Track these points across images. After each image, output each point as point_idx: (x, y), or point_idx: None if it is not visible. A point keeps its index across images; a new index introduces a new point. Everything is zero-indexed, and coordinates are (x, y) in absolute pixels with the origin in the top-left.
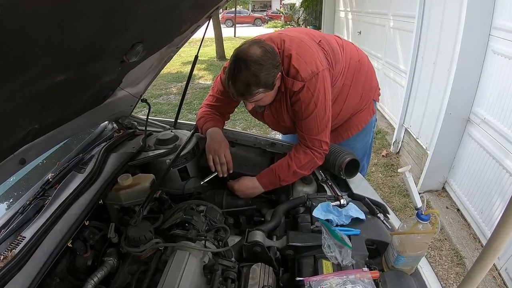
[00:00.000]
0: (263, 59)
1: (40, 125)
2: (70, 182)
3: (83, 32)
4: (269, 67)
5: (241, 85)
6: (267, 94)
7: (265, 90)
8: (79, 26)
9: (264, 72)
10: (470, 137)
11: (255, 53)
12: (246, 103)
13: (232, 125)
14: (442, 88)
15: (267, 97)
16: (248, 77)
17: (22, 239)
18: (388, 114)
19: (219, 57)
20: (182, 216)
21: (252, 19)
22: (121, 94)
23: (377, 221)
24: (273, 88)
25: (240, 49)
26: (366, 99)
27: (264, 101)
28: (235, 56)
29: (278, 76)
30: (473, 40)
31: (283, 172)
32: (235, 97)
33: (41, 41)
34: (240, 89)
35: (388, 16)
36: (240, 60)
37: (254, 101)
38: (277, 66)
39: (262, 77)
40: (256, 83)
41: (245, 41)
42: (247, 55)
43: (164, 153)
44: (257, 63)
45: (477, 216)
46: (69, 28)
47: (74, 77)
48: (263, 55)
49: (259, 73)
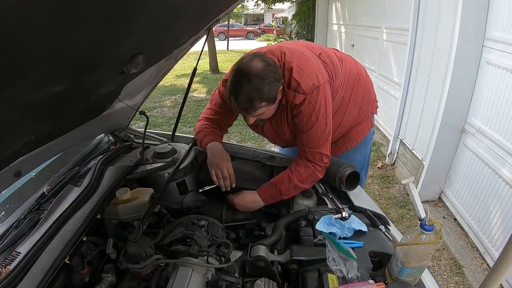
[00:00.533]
0: (266, 73)
1: (36, 136)
2: (66, 196)
3: (80, 41)
4: (271, 80)
5: (244, 99)
6: (269, 108)
7: (267, 104)
8: (76, 36)
9: (267, 86)
10: (466, 147)
11: (257, 66)
12: (247, 118)
13: (227, 139)
14: (437, 99)
15: (269, 111)
16: (251, 92)
17: (17, 254)
18: (383, 126)
19: (213, 70)
20: (184, 231)
21: (244, 32)
22: (119, 106)
23: (379, 233)
24: (275, 101)
25: (241, 62)
26: (365, 112)
27: (266, 115)
28: (237, 70)
29: (280, 89)
30: (467, 52)
31: (284, 186)
32: (238, 112)
33: (36, 49)
34: (243, 104)
35: (381, 29)
36: (242, 74)
37: (256, 115)
38: (279, 80)
39: (265, 91)
40: (259, 98)
41: (245, 54)
42: (249, 69)
43: (163, 167)
44: (260, 77)
45: (474, 225)
46: (66, 37)
47: (72, 88)
48: (265, 68)
49: (262, 87)
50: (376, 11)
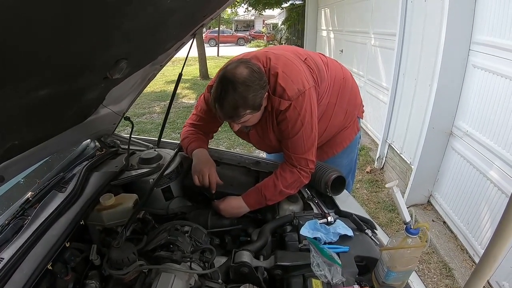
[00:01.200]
0: (251, 80)
1: (20, 141)
2: (51, 202)
3: (63, 48)
4: (256, 88)
5: (229, 107)
6: (254, 115)
7: (252, 112)
8: (60, 42)
9: (252, 93)
10: (454, 150)
11: (242, 74)
12: (232, 124)
13: (215, 144)
14: (424, 103)
15: (254, 118)
16: (236, 100)
17: (0, 260)
18: (371, 131)
19: (203, 76)
20: (167, 237)
21: (235, 38)
22: (104, 112)
23: (365, 237)
24: (260, 108)
25: (226, 70)
26: (351, 117)
27: (251, 122)
28: (222, 77)
29: (265, 96)
30: (454, 55)
31: (269, 192)
32: (223, 119)
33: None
34: (228, 112)
35: (369, 34)
36: (227, 82)
37: (241, 122)
38: (264, 86)
39: (250, 98)
40: (244, 105)
41: (230, 60)
42: (234, 76)
43: (148, 173)
44: (245, 84)
45: (463, 227)
46: (48, 44)
47: (55, 94)
48: (250, 75)
49: (247, 94)
50: (364, 17)
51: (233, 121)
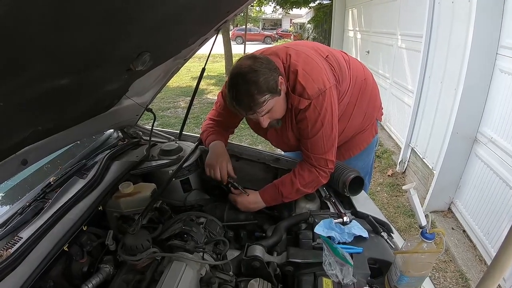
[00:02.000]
0: (255, 65)
1: (42, 127)
2: (71, 187)
3: (84, 37)
4: (265, 71)
5: (245, 98)
6: (276, 102)
7: (272, 96)
8: (78, 32)
9: (261, 76)
10: (477, 157)
11: (246, 64)
12: (261, 120)
13: (237, 141)
14: (449, 108)
15: (278, 106)
16: (249, 88)
17: (19, 239)
18: (395, 134)
19: (228, 73)
20: (181, 227)
21: (262, 37)
22: (127, 103)
23: (380, 240)
24: (280, 93)
25: (232, 68)
26: (370, 119)
27: (277, 111)
28: (230, 76)
29: (280, 80)
30: (480, 59)
31: (286, 189)
32: (245, 114)
33: (38, 43)
34: (246, 103)
35: (396, 36)
36: (235, 76)
37: (265, 112)
38: (274, 69)
39: (261, 82)
40: (259, 90)
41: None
42: (240, 68)
43: (167, 164)
44: (252, 70)
45: (483, 237)
46: (67, 33)
47: (77, 82)
48: (254, 62)
49: (257, 79)
50: (391, 18)
51: (255, 112)
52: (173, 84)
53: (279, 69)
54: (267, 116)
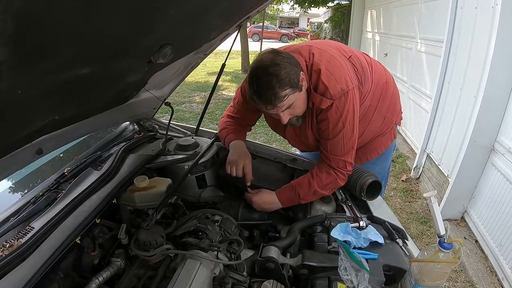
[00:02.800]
0: (277, 59)
1: (59, 117)
2: (85, 178)
3: (109, 26)
4: (286, 65)
5: (265, 91)
6: (298, 97)
7: (293, 90)
8: (106, 20)
9: (283, 70)
10: (494, 167)
11: (268, 57)
12: (281, 116)
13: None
14: (468, 115)
15: (299, 102)
16: (270, 80)
17: (31, 229)
18: (410, 139)
19: (244, 70)
20: (196, 224)
21: (278, 35)
22: (145, 96)
23: (395, 247)
24: (301, 89)
25: (253, 62)
26: (389, 123)
27: (298, 108)
28: (251, 69)
29: (302, 76)
30: (502, 68)
31: (303, 191)
32: (266, 108)
33: (65, 30)
34: (267, 96)
35: (415, 39)
36: (256, 69)
37: (286, 107)
38: (296, 64)
39: (283, 75)
40: (280, 84)
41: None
42: (261, 62)
43: (183, 159)
44: (273, 64)
45: (495, 249)
46: (95, 20)
47: (98, 73)
48: (276, 56)
49: (279, 72)
50: (411, 21)
51: (275, 107)
52: (189, 79)
53: (300, 65)
54: (288, 112)
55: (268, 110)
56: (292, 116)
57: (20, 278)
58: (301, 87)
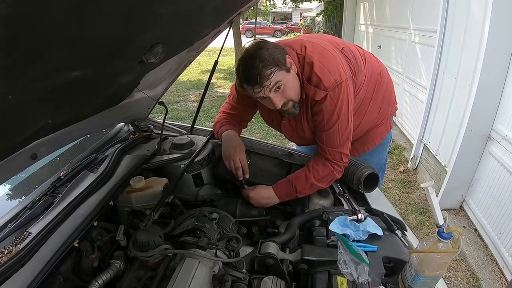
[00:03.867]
0: (260, 44)
1: (53, 121)
2: (82, 181)
3: (102, 28)
4: (269, 48)
5: (250, 72)
6: (285, 77)
7: (278, 68)
8: (98, 22)
9: (266, 51)
10: (491, 155)
11: (251, 45)
12: (272, 99)
13: (248, 134)
14: (463, 104)
15: (289, 82)
16: (253, 62)
17: (28, 234)
18: (407, 130)
19: None
20: (194, 223)
21: (272, 30)
22: (139, 96)
23: (394, 238)
24: (289, 70)
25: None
26: (384, 114)
27: (289, 89)
28: (239, 59)
29: (288, 59)
30: (496, 56)
31: (300, 184)
32: (253, 92)
33: (57, 34)
34: (252, 77)
35: (409, 30)
36: (241, 58)
37: (273, 85)
38: (280, 48)
39: (266, 55)
40: (264, 64)
41: None
42: (247, 50)
43: (179, 158)
44: (256, 48)
45: (495, 237)
46: (88, 23)
47: (91, 75)
48: (259, 43)
49: (261, 54)
50: (404, 12)
51: (262, 87)
52: (183, 78)
53: (285, 51)
54: (279, 94)
55: (257, 93)
56: (285, 100)
57: (20, 284)
58: (288, 68)
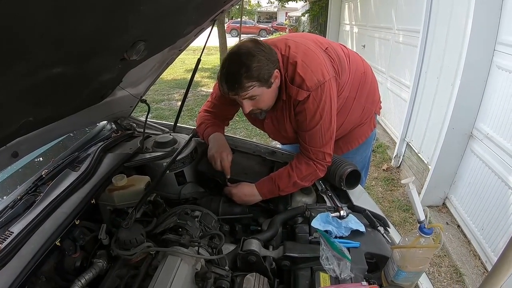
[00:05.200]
0: (255, 50)
1: (34, 118)
2: (63, 180)
3: (82, 25)
4: (261, 59)
5: (231, 77)
6: (264, 92)
7: (259, 85)
8: (78, 19)
9: (256, 63)
10: (473, 153)
11: (247, 45)
12: (243, 105)
13: (232, 133)
14: (445, 103)
15: (264, 97)
16: (239, 68)
17: (10, 234)
18: (390, 128)
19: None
20: (176, 221)
21: (257, 29)
22: (121, 94)
23: (377, 234)
24: (270, 86)
25: (233, 46)
26: (368, 113)
27: (262, 102)
28: (228, 53)
29: (275, 74)
30: (478, 55)
31: (283, 182)
32: (227, 93)
33: (37, 31)
34: (231, 82)
35: (393, 30)
36: (231, 54)
37: (247, 96)
38: (273, 61)
39: (253, 68)
40: (247, 75)
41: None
42: (239, 49)
43: (161, 156)
44: (249, 53)
45: (477, 233)
46: (68, 20)
47: (72, 72)
48: (255, 47)
49: (250, 63)
50: (388, 12)
51: (237, 95)
52: (168, 77)
53: (278, 63)
54: (250, 103)
55: (230, 96)
56: (255, 108)
57: (2, 284)
58: (270, 84)
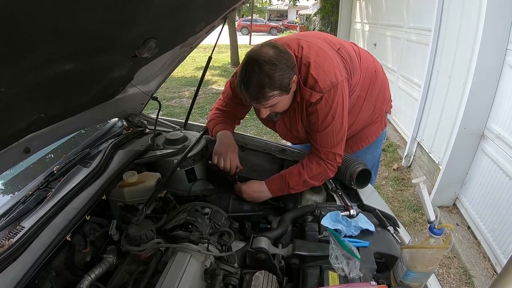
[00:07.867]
0: (277, 59)
1: (45, 114)
2: (75, 176)
3: (91, 21)
4: (283, 67)
5: (254, 88)
6: (282, 99)
7: (280, 93)
8: (87, 14)
9: (278, 72)
10: (484, 153)
11: (268, 53)
12: (260, 111)
13: (243, 131)
14: (457, 102)
15: (283, 102)
16: (262, 79)
17: (21, 229)
18: (401, 127)
19: (233, 64)
20: (186, 217)
21: (267, 28)
22: (132, 91)
23: (386, 234)
24: (289, 92)
25: (252, 51)
26: (379, 112)
27: (280, 107)
28: (247, 58)
29: (294, 79)
30: (490, 54)
31: (293, 180)
32: (249, 102)
33: (46, 26)
34: (254, 93)
35: (404, 29)
36: (252, 62)
37: (269, 106)
38: (292, 68)
39: (276, 78)
40: (271, 85)
41: (257, 44)
42: (260, 56)
43: (172, 153)
44: (271, 63)
45: (488, 234)
46: (77, 15)
47: (82, 68)
48: (276, 55)
49: (273, 73)
50: (399, 11)
51: (259, 103)
52: (178, 74)
53: (296, 67)
54: (269, 109)
55: (251, 103)
56: (272, 112)
57: (12, 278)
58: (289, 90)
